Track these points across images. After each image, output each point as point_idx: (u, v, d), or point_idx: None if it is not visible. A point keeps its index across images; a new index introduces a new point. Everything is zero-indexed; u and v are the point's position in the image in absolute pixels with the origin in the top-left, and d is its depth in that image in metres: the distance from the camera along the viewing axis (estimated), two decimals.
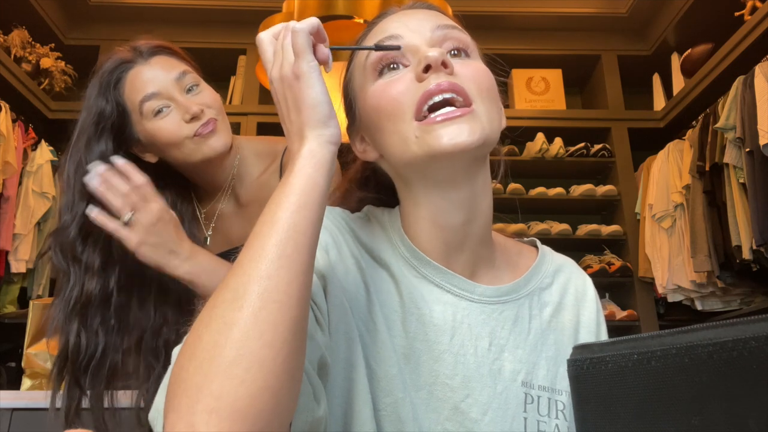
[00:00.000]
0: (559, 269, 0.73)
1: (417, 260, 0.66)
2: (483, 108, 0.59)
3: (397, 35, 0.63)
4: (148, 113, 1.01)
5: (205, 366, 0.41)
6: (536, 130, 3.15)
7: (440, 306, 0.64)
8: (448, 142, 0.56)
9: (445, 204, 0.63)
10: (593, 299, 0.72)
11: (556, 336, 0.68)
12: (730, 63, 2.64)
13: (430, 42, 0.62)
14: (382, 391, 0.60)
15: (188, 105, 1.00)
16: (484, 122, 0.58)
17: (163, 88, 1.01)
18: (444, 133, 0.56)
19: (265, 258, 0.46)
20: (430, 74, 0.58)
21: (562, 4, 3.25)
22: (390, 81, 0.61)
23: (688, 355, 0.32)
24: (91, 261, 0.98)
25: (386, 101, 0.60)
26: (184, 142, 1.01)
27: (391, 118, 0.60)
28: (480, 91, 0.59)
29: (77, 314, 0.96)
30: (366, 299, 0.63)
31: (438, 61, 0.58)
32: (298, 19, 2.00)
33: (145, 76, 1.01)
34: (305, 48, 0.53)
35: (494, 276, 0.69)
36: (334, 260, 0.63)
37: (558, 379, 0.66)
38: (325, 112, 0.53)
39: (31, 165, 2.81)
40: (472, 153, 0.58)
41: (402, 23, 0.64)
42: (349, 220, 0.69)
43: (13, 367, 2.53)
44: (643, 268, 2.96)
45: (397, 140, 0.60)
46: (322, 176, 0.52)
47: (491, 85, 0.62)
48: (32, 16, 3.01)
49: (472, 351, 0.63)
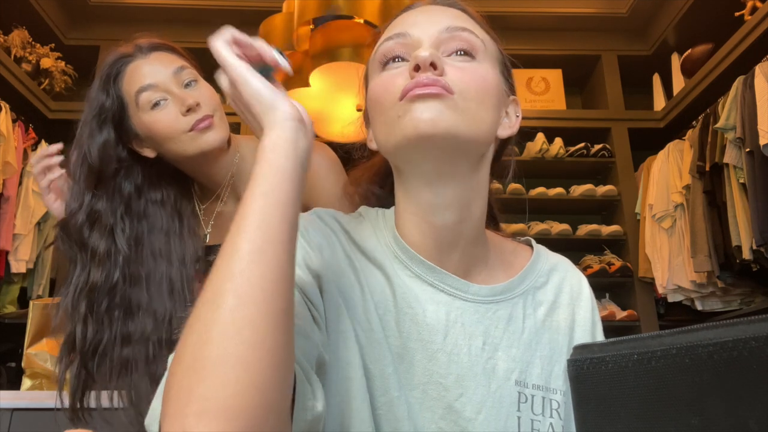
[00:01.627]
0: (554, 268, 0.73)
1: (410, 259, 0.66)
2: (464, 104, 0.59)
3: (403, 33, 0.64)
4: (145, 105, 1.02)
5: (191, 369, 0.41)
6: (536, 131, 3.15)
7: (433, 305, 0.64)
8: (419, 116, 0.57)
9: (434, 200, 0.63)
10: (588, 298, 0.72)
11: (550, 335, 0.68)
12: (731, 63, 2.64)
13: (436, 41, 0.63)
14: (378, 390, 0.60)
15: (184, 97, 1.01)
16: (461, 113, 0.58)
17: (160, 80, 1.02)
18: (416, 108, 0.58)
19: (236, 254, 0.46)
20: (420, 73, 0.59)
21: (562, 4, 3.25)
22: (389, 74, 0.63)
23: (688, 355, 0.32)
24: (97, 247, 1.00)
25: (381, 92, 0.63)
26: (180, 135, 1.02)
27: (382, 106, 0.62)
28: (467, 90, 0.59)
29: (84, 299, 0.99)
30: (361, 299, 0.63)
31: (426, 61, 0.58)
32: (299, 20, 2.00)
33: (143, 69, 1.03)
34: (226, 56, 0.55)
35: (488, 275, 0.69)
36: (328, 260, 0.63)
37: (552, 378, 0.66)
38: (267, 96, 0.53)
39: (31, 165, 2.81)
40: (444, 138, 0.58)
41: (414, 19, 0.66)
42: (342, 221, 0.70)
43: (13, 367, 2.53)
44: (643, 268, 2.96)
45: (385, 127, 0.62)
46: (282, 156, 0.51)
47: (484, 88, 0.61)
48: (32, 16, 3.01)
49: (466, 350, 0.63)
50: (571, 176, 3.28)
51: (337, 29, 1.79)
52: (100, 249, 1.00)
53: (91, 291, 0.99)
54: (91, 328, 0.98)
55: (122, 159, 1.05)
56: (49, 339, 1.56)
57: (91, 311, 0.98)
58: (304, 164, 0.53)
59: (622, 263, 3.01)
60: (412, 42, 0.63)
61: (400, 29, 0.65)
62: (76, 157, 1.02)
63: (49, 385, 1.52)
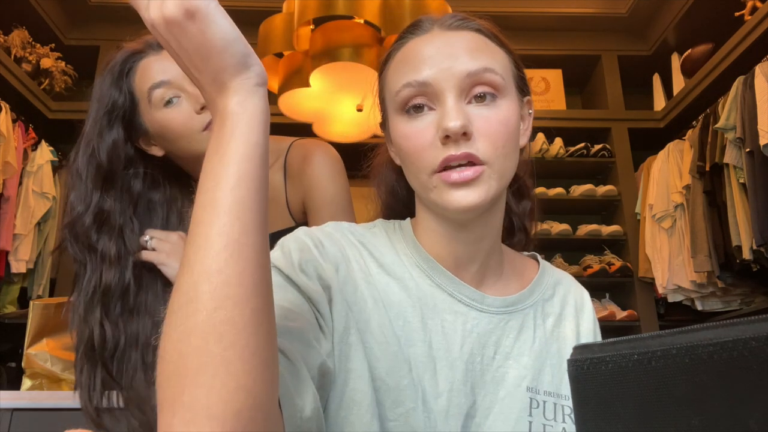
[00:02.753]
0: (558, 282, 0.76)
1: (431, 269, 0.68)
2: (497, 166, 0.62)
3: (423, 82, 0.63)
4: (158, 102, 0.99)
5: (173, 379, 0.40)
6: (536, 131, 3.13)
7: (452, 315, 0.66)
8: (458, 205, 0.61)
9: (459, 226, 0.67)
10: (590, 310, 0.76)
11: (558, 345, 0.70)
12: (731, 63, 2.64)
13: (458, 90, 0.62)
14: (394, 402, 0.60)
15: (199, 95, 0.99)
16: (494, 180, 0.62)
17: (174, 77, 0.99)
18: (454, 196, 0.61)
19: (210, 249, 0.41)
20: (450, 142, 0.61)
21: (562, 4, 3.25)
22: (415, 128, 0.63)
23: (688, 356, 0.32)
24: (107, 249, 0.97)
25: (412, 151, 0.64)
26: (193, 133, 1.00)
27: (415, 168, 0.64)
28: (495, 149, 0.62)
29: (98, 303, 0.96)
30: (375, 312, 0.64)
31: (458, 133, 0.60)
32: (299, 20, 2.00)
33: (156, 66, 1.00)
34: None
35: (502, 286, 0.71)
36: (342, 274, 0.63)
37: (563, 386, 0.68)
38: (240, 50, 0.43)
39: (32, 165, 2.81)
40: (480, 210, 0.63)
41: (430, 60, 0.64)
42: (358, 233, 0.70)
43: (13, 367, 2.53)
44: (644, 268, 2.96)
45: (418, 183, 0.65)
46: (260, 132, 0.44)
47: (510, 133, 0.63)
48: (32, 17, 3.01)
49: (479, 359, 0.65)
50: (571, 176, 3.28)
51: (337, 29, 1.79)
52: (111, 251, 0.97)
53: (104, 294, 0.96)
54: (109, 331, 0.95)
55: (130, 158, 1.02)
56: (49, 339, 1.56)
57: (107, 314, 0.96)
58: None
59: (622, 263, 3.01)
60: (434, 92, 0.63)
61: (416, 74, 0.63)
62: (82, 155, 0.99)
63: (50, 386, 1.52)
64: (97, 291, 0.96)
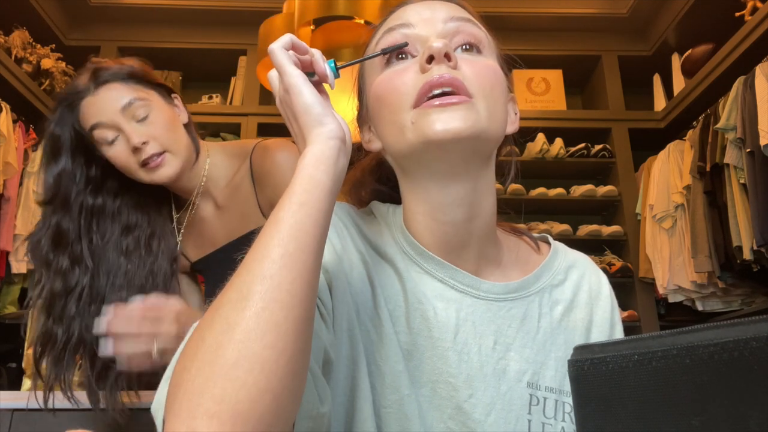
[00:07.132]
0: (572, 265, 0.71)
1: (419, 255, 0.65)
2: (483, 104, 0.59)
3: (408, 23, 0.63)
4: (100, 141, 1.07)
5: (207, 368, 0.41)
6: (537, 131, 3.15)
7: (443, 302, 0.63)
8: (441, 128, 0.56)
9: (444, 199, 0.63)
10: (608, 297, 0.70)
11: (566, 336, 0.66)
12: (731, 63, 2.64)
13: (441, 33, 0.62)
14: (388, 388, 0.59)
15: (130, 135, 1.05)
16: (482, 115, 0.58)
17: (108, 119, 1.05)
18: (437, 119, 0.57)
19: (267, 257, 0.46)
20: (433, 65, 0.58)
21: (562, 4, 3.25)
22: (395, 71, 0.62)
23: (689, 356, 0.32)
24: (60, 264, 1.06)
25: (389, 91, 0.61)
26: (133, 170, 1.07)
27: (391, 107, 0.61)
28: (482, 88, 0.59)
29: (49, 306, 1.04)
30: (371, 295, 0.62)
31: (441, 52, 0.58)
32: (299, 20, 2.01)
33: (92, 108, 1.06)
34: (284, 63, 0.55)
35: (501, 274, 0.67)
36: (339, 255, 0.62)
37: (567, 381, 0.63)
38: (317, 111, 0.54)
39: (32, 166, 2.81)
40: (464, 143, 0.58)
41: (416, 12, 0.64)
42: (354, 215, 0.69)
43: (14, 368, 2.54)
44: (644, 268, 2.96)
45: (394, 129, 0.61)
46: (323, 172, 0.52)
47: (497, 84, 0.61)
48: (33, 17, 3.01)
49: (476, 349, 0.62)
50: (572, 176, 3.28)
51: (337, 29, 1.79)
52: (64, 265, 1.06)
53: (52, 298, 1.04)
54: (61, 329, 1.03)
55: (91, 178, 1.10)
56: None
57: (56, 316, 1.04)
58: (340, 182, 0.54)
59: (623, 264, 3.01)
60: (417, 35, 0.62)
61: (402, 21, 0.64)
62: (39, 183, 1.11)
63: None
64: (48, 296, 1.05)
